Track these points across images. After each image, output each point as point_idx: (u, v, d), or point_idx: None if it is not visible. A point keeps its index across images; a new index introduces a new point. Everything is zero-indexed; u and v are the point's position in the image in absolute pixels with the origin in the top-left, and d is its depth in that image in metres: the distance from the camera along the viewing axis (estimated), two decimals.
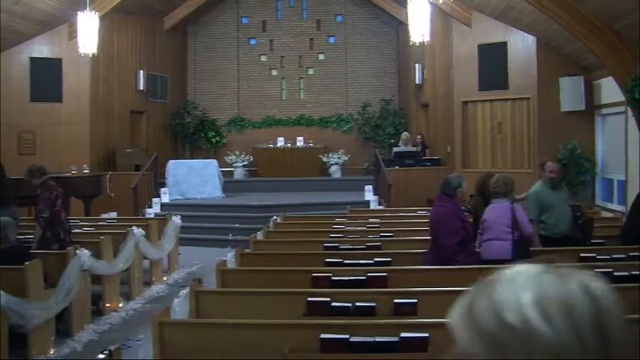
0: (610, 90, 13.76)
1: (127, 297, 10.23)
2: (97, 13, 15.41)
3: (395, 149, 19.02)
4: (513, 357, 1.15)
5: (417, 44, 14.69)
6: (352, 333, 4.78)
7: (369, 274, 6.78)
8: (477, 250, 7.80)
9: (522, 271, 1.24)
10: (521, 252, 7.48)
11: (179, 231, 12.96)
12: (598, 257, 7.85)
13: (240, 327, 5.11)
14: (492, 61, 16.51)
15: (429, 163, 18.24)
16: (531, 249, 7.96)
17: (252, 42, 23.78)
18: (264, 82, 23.64)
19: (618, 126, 13.91)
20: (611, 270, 6.84)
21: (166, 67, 22.12)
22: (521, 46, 15.94)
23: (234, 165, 21.58)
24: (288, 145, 22.12)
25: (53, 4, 16.01)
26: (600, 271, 6.42)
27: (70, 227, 9.50)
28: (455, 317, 1.25)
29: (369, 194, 17.23)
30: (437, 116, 19.36)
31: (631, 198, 12.81)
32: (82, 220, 12.61)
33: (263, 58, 23.78)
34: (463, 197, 7.75)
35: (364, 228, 10.75)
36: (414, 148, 19.05)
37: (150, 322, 5.18)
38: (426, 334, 4.71)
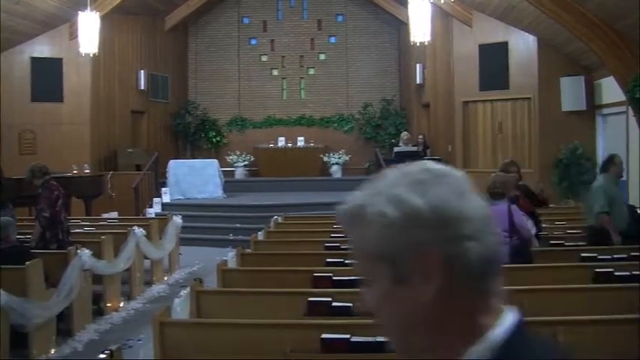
0: (611, 90, 13.76)
1: (128, 297, 10.24)
2: (97, 12, 15.43)
3: (396, 149, 18.99)
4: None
5: (418, 44, 14.71)
6: (353, 333, 4.78)
7: None
8: None
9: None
10: (521, 255, 7.46)
11: (180, 231, 12.96)
12: (599, 257, 7.84)
13: (241, 327, 5.11)
14: (493, 61, 16.51)
15: None
16: (532, 249, 7.96)
17: (253, 42, 23.79)
18: (264, 82, 23.65)
19: (619, 126, 13.91)
20: (612, 270, 6.84)
21: (167, 67, 22.13)
22: (522, 45, 15.94)
23: (235, 165, 21.59)
24: (289, 145, 22.13)
25: (54, 3, 16.01)
26: (602, 271, 6.47)
27: (68, 228, 9.49)
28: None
29: None
30: (438, 116, 19.37)
31: (632, 198, 12.84)
32: (82, 220, 12.62)
33: (264, 58, 23.79)
34: None
35: None
36: (415, 148, 19.03)
37: (151, 322, 5.18)
38: None
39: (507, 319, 1.31)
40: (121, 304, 9.81)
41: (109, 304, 9.46)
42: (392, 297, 1.31)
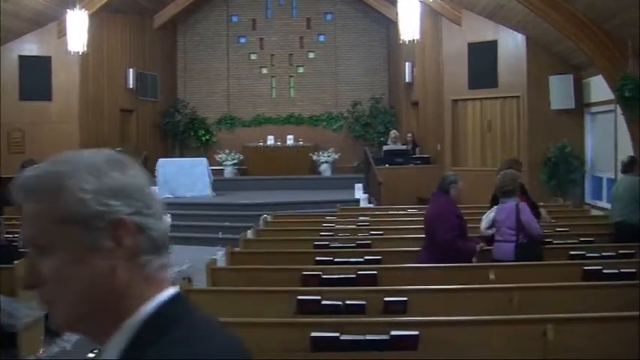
0: (599, 88, 13.79)
1: None
2: (86, 11, 15.37)
3: (385, 147, 19.02)
4: None
5: (407, 42, 14.71)
6: (342, 331, 4.78)
7: (359, 273, 6.79)
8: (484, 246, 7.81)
9: None
10: (528, 253, 7.45)
11: (169, 230, 12.85)
12: (587, 255, 7.87)
13: (230, 326, 5.08)
14: (482, 60, 16.52)
15: (419, 162, 18.29)
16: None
17: (242, 40, 23.78)
18: (254, 81, 23.64)
19: (607, 124, 13.95)
20: (600, 267, 6.87)
21: (156, 65, 22.07)
22: (511, 44, 15.97)
23: (224, 163, 21.57)
24: (278, 143, 22.13)
25: (42, 1, 15.94)
26: (590, 269, 6.50)
27: None
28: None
29: (359, 192, 17.21)
30: (427, 114, 19.38)
31: None
32: None
33: (253, 57, 23.78)
34: (456, 195, 7.74)
35: (354, 226, 10.75)
36: (404, 147, 19.06)
37: None
38: (416, 332, 4.71)
39: (165, 294, 1.43)
40: None
41: None
42: (79, 264, 1.37)
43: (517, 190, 7.77)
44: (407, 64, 20.47)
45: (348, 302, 5.71)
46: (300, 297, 5.77)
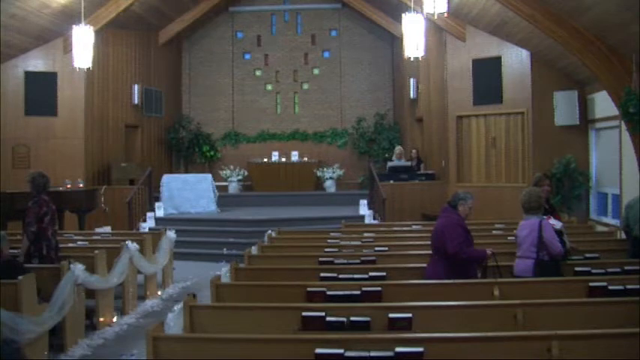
0: (604, 104, 13.79)
1: (121, 312, 10.19)
2: (91, 27, 15.41)
3: (389, 164, 19.03)
4: None
5: (412, 59, 14.71)
6: (347, 348, 4.77)
7: (363, 289, 6.77)
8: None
9: None
10: (547, 270, 7.43)
11: (173, 245, 12.91)
12: (593, 271, 7.84)
13: (235, 342, 5.09)
14: (486, 76, 16.55)
15: (423, 178, 18.29)
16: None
17: (247, 57, 23.87)
18: (258, 97, 23.71)
19: (612, 140, 13.94)
20: (605, 284, 6.84)
21: (161, 81, 22.13)
22: (516, 60, 15.98)
23: (229, 179, 21.59)
24: (283, 159, 22.14)
25: (48, 18, 16.02)
26: (596, 285, 6.47)
27: (57, 245, 9.28)
28: None
29: (363, 209, 17.22)
30: (431, 131, 19.38)
31: None
32: (76, 235, 12.56)
33: (258, 73, 23.86)
34: (465, 211, 7.80)
35: (359, 243, 10.73)
36: (408, 163, 19.07)
37: (144, 337, 5.16)
38: (421, 349, 4.70)
39: None
40: (114, 319, 9.77)
41: (102, 319, 9.41)
42: None
43: (542, 207, 7.80)
44: (411, 80, 20.51)
45: (352, 319, 5.69)
46: (304, 313, 5.76)
